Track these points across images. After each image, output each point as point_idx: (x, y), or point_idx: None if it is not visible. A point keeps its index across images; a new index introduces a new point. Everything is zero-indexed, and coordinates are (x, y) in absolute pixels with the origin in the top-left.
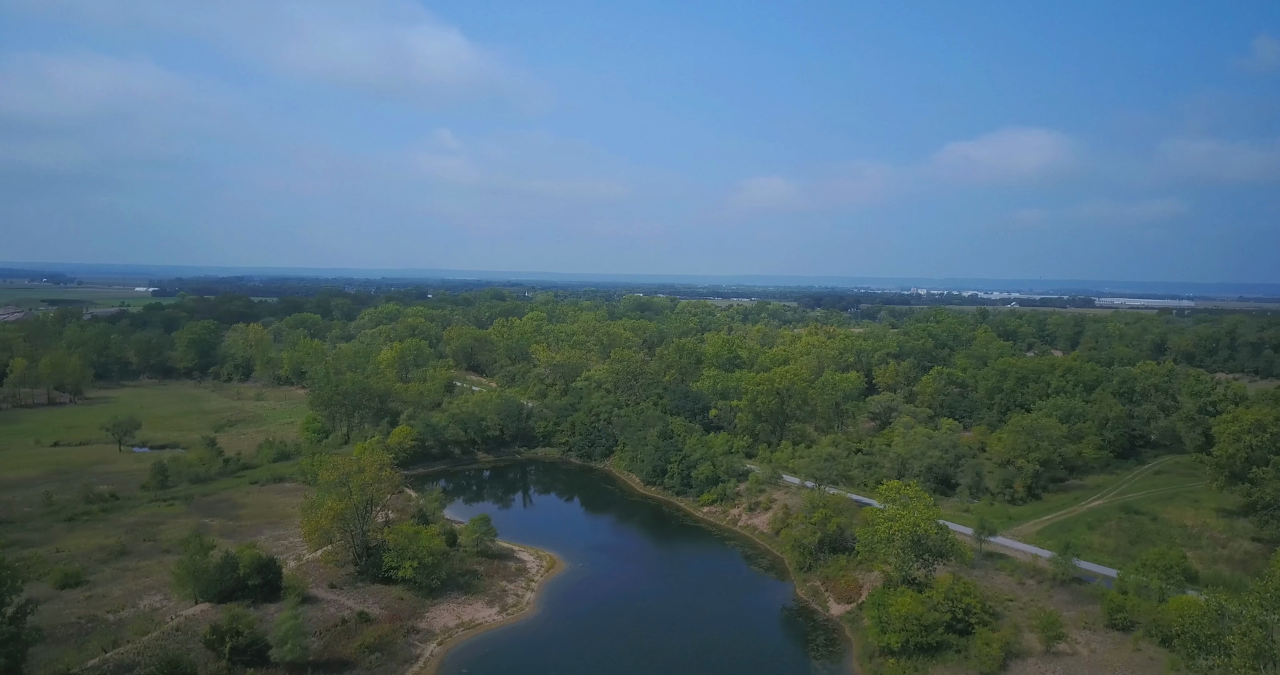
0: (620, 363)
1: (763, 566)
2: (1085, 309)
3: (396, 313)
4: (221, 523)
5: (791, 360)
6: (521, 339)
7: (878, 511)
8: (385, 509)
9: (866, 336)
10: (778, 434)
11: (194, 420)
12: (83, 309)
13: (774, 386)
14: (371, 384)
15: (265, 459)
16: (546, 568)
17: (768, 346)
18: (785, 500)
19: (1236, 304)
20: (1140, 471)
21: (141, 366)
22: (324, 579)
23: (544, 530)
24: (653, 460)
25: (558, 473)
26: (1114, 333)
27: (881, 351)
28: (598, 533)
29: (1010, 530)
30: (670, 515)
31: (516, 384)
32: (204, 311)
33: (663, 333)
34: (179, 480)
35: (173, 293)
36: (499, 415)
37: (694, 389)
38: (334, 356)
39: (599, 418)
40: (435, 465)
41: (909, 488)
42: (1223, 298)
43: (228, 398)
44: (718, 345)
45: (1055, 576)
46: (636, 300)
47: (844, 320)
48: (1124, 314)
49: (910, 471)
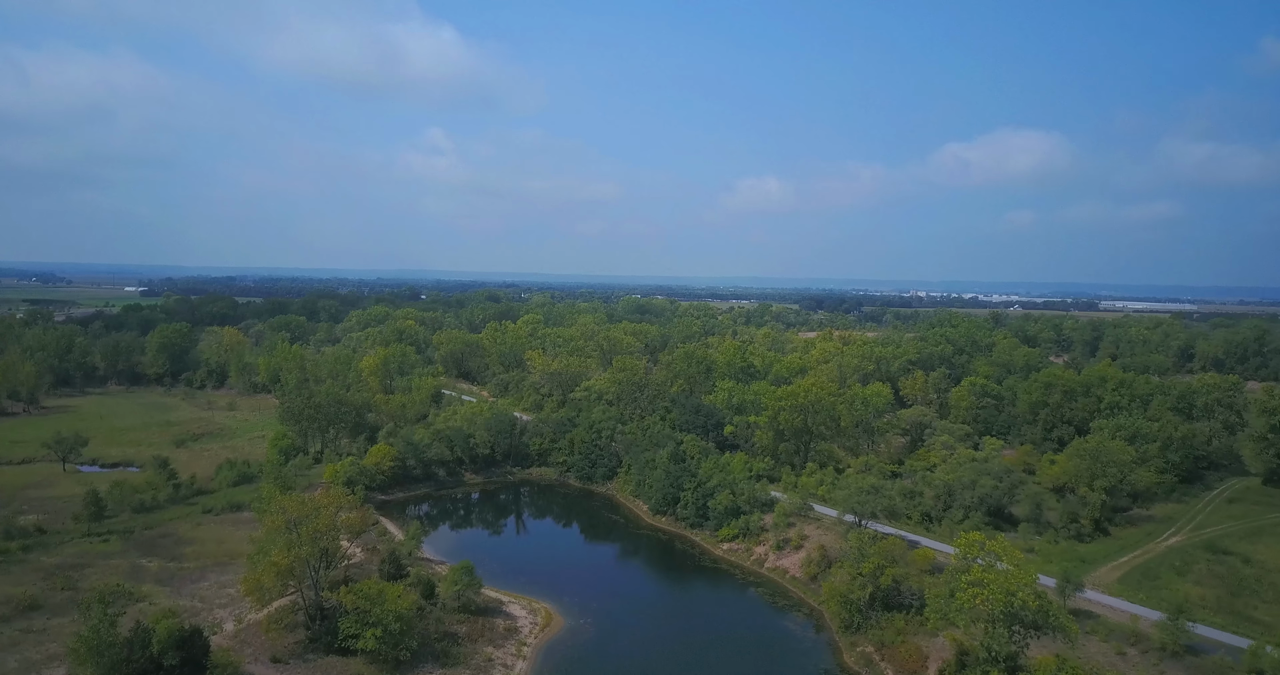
0: (623, 372)
1: (798, 622)
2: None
3: (385, 315)
4: (160, 565)
5: (809, 369)
6: (515, 344)
7: (960, 576)
8: (348, 549)
9: (884, 342)
10: (802, 455)
11: (155, 433)
12: (54, 310)
13: (799, 402)
14: (348, 395)
15: (224, 482)
16: (541, 626)
17: (778, 352)
18: (819, 537)
19: (1239, 308)
20: (1210, 499)
21: (109, 372)
22: (267, 649)
23: (538, 571)
24: (663, 486)
25: (554, 497)
26: (1136, 338)
27: (902, 359)
28: (601, 575)
29: (1087, 577)
30: (684, 553)
31: (510, 393)
32: (185, 313)
33: (665, 337)
34: (120, 509)
35: (161, 293)
36: (489, 431)
37: (706, 402)
38: (313, 363)
39: (600, 435)
40: (417, 488)
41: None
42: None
43: (197, 407)
44: (730, 353)
45: (1165, 646)
46: (635, 302)
47: (849, 323)
48: (1141, 318)
49: (958, 502)
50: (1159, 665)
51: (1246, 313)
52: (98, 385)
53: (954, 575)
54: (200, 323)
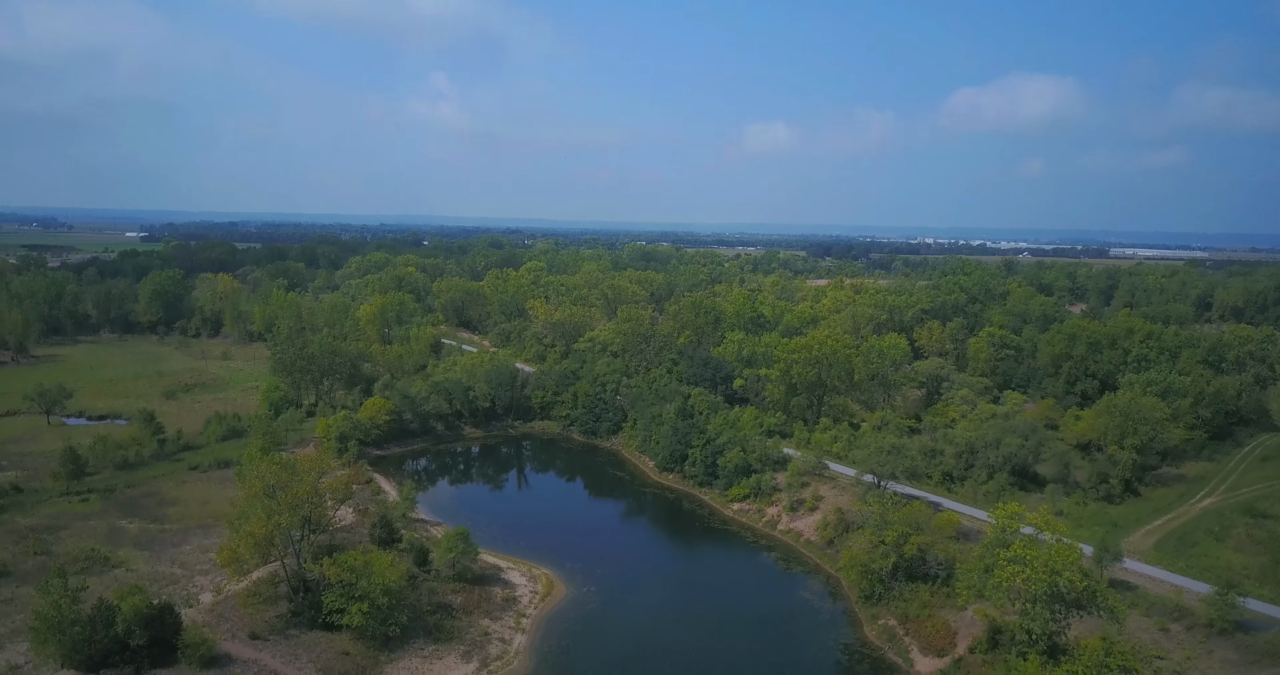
0: (628, 323)
1: (814, 591)
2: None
3: (385, 262)
4: (140, 526)
5: (821, 319)
6: (517, 293)
7: (997, 550)
8: (335, 514)
9: (896, 291)
10: (815, 410)
11: (146, 384)
12: (49, 256)
13: (812, 354)
14: (343, 345)
15: (212, 437)
16: (542, 595)
17: (787, 301)
18: (834, 498)
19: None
20: (1242, 457)
21: (101, 321)
22: (245, 625)
23: (540, 533)
24: (670, 443)
25: (557, 452)
26: (1153, 287)
27: (915, 308)
28: (605, 537)
29: (1122, 542)
30: (693, 513)
31: (512, 343)
32: (183, 259)
33: (671, 285)
34: (102, 465)
35: (162, 238)
36: (489, 384)
37: (714, 355)
38: (309, 311)
39: (605, 388)
40: (414, 443)
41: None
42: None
43: (191, 357)
44: (739, 303)
45: (1212, 622)
46: (640, 249)
47: (858, 271)
48: (1156, 266)
49: (981, 461)
50: (1206, 643)
51: (1260, 260)
52: (90, 334)
53: (990, 549)
54: (198, 269)
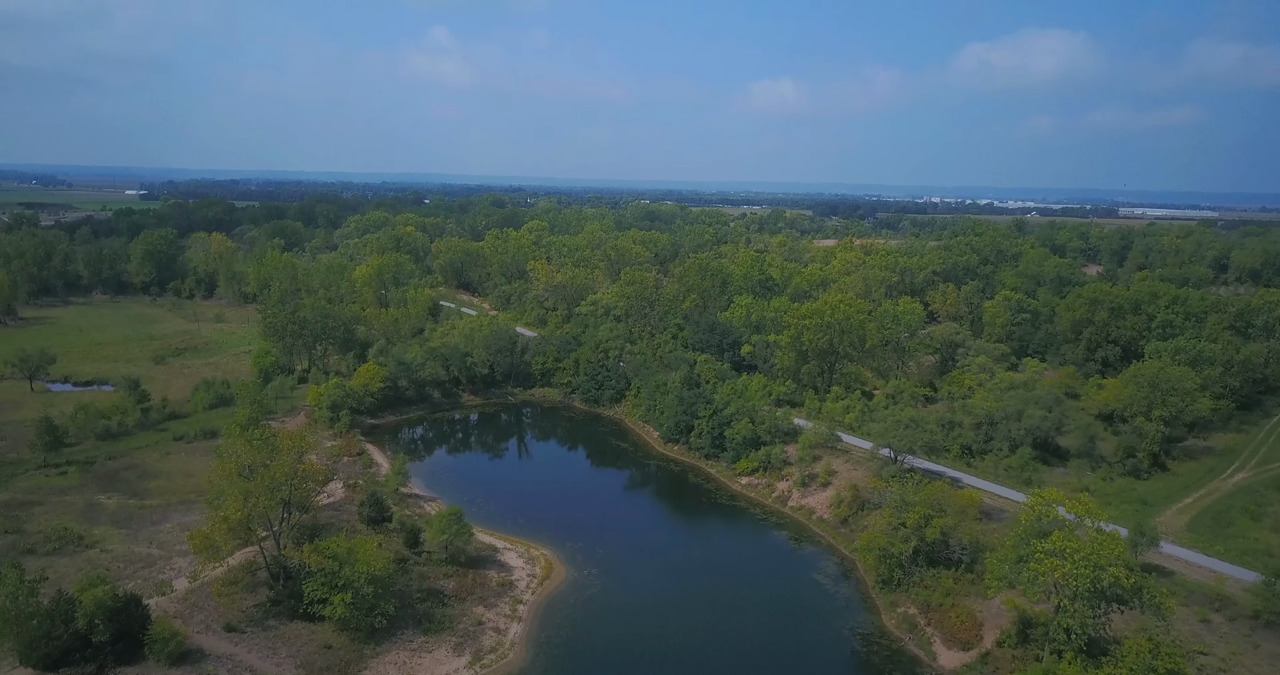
0: (632, 286)
1: (828, 573)
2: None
3: (384, 221)
4: (119, 502)
5: (831, 282)
6: (518, 253)
7: (1035, 543)
8: (318, 492)
9: (906, 252)
10: (826, 378)
11: (136, 348)
12: (43, 214)
13: (824, 319)
14: (337, 308)
15: (199, 405)
16: (540, 578)
17: (796, 263)
18: (848, 473)
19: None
20: (1271, 428)
21: (93, 281)
22: (220, 615)
23: (539, 508)
24: (675, 413)
25: (558, 420)
26: (1168, 248)
27: (926, 270)
28: (608, 513)
29: (1152, 520)
30: (699, 487)
31: (512, 306)
32: (180, 218)
33: (676, 245)
34: (83, 436)
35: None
36: (488, 350)
37: (721, 320)
38: (305, 272)
39: (608, 355)
40: (410, 411)
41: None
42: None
43: (183, 319)
44: (746, 265)
45: (1258, 613)
46: (644, 208)
47: (865, 230)
48: (1170, 227)
49: (1001, 433)
50: (1251, 636)
51: (1273, 220)
52: (82, 295)
53: (1024, 538)
54: (196, 228)
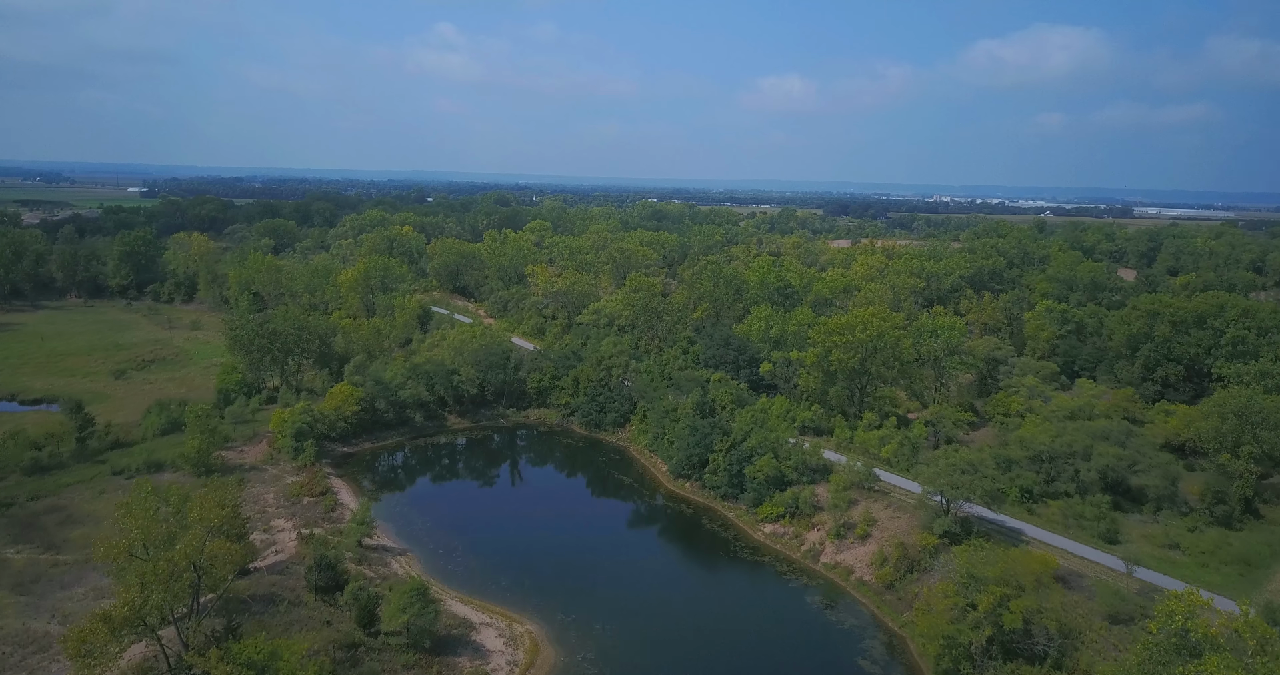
0: (638, 293)
1: (875, 656)
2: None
3: (381, 220)
4: (30, 556)
5: (855, 289)
6: (517, 256)
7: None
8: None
9: (930, 256)
10: (856, 401)
11: (98, 359)
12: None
13: (855, 337)
14: (311, 318)
15: (150, 430)
16: (523, 666)
17: (812, 266)
18: (891, 523)
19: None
20: None
21: (67, 284)
22: None
23: (526, 563)
24: (687, 445)
25: (554, 447)
26: (1202, 250)
27: (954, 275)
28: (607, 567)
29: (1264, 589)
30: (715, 535)
31: (509, 314)
32: (171, 215)
33: (685, 247)
34: (8, 469)
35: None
36: (478, 366)
37: (737, 333)
38: (289, 276)
39: (610, 373)
40: (388, 436)
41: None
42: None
43: (158, 326)
44: (763, 271)
45: None
46: (652, 207)
47: (879, 231)
48: (1198, 227)
49: (1065, 472)
50: None
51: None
52: (55, 298)
53: (1160, 657)
54: (187, 227)
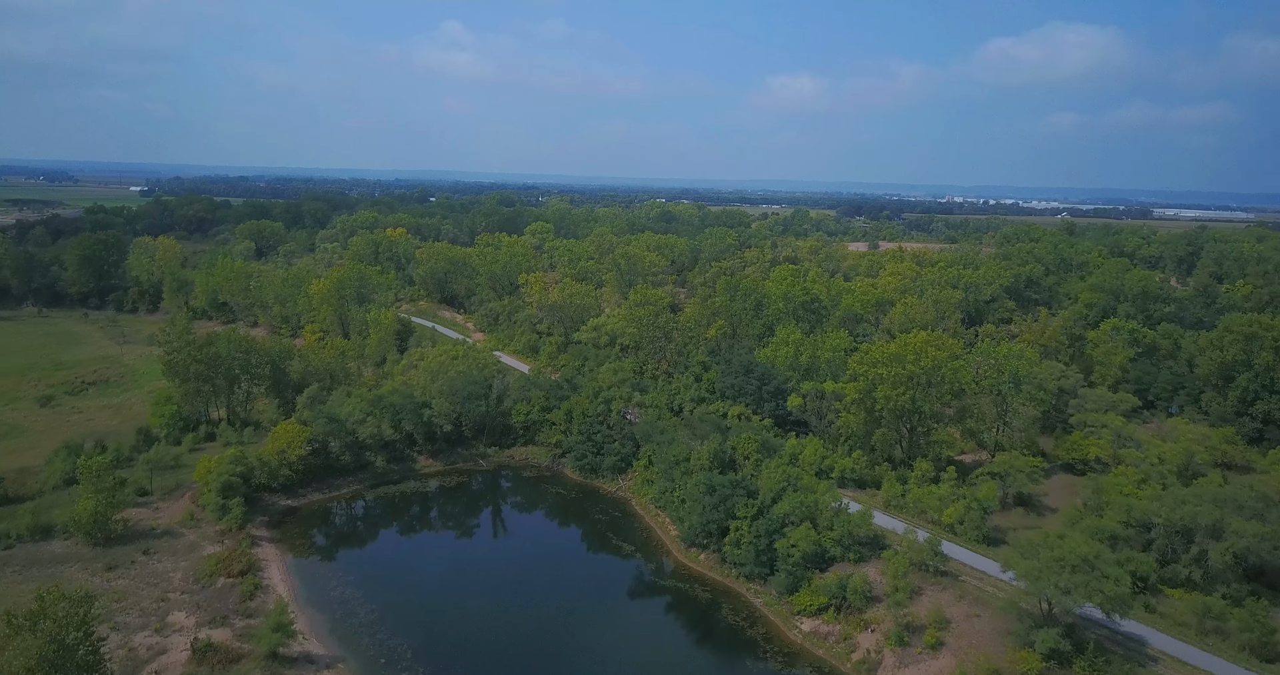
0: (644, 308)
1: None
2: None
3: (374, 221)
4: None
5: (889, 302)
6: (512, 262)
7: None
8: None
9: (964, 262)
10: (907, 446)
11: (32, 381)
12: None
13: (905, 369)
14: (260, 341)
15: (52, 479)
16: None
17: (835, 272)
18: (967, 623)
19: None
20: None
21: (24, 291)
22: None
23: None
24: (702, 507)
25: (542, 497)
26: (1248, 255)
27: (994, 285)
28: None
29: None
30: (738, 633)
31: (500, 328)
32: (157, 216)
33: (695, 251)
34: None
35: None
36: (454, 398)
37: (759, 358)
38: (259, 284)
39: (610, 407)
40: (344, 484)
41: None
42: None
43: (111, 340)
44: (786, 283)
45: None
46: (660, 208)
47: (896, 233)
48: (1235, 230)
49: (1186, 549)
50: None
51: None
52: (13, 306)
53: None
54: (174, 227)
